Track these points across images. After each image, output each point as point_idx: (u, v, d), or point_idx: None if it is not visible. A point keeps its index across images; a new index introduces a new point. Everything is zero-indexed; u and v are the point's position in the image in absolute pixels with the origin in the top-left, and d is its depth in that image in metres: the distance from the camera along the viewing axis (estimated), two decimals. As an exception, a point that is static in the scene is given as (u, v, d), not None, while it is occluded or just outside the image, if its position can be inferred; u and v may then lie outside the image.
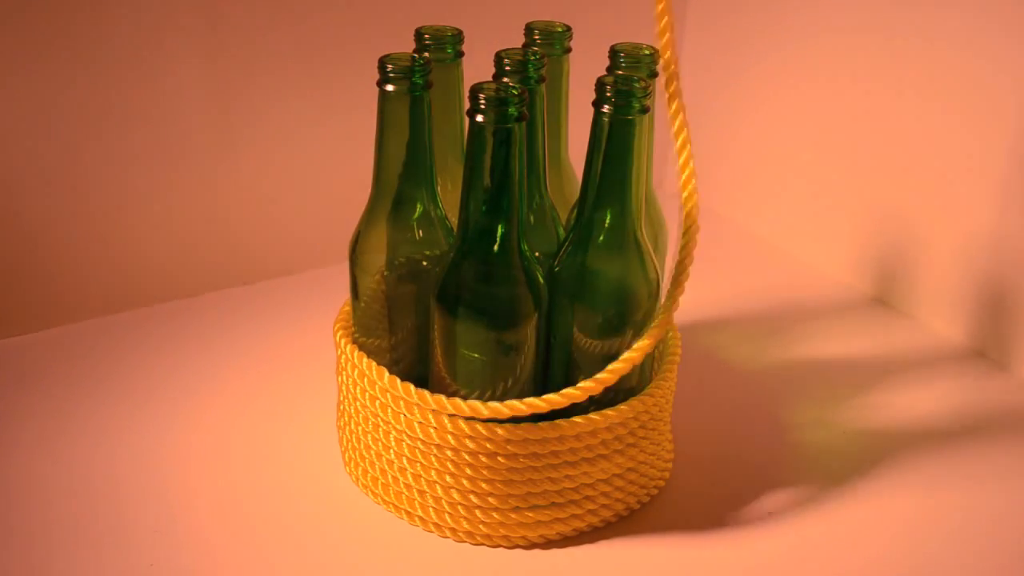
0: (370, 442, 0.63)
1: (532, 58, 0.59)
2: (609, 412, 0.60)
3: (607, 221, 0.58)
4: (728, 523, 0.64)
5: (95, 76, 0.76)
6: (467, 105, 0.54)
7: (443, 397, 0.59)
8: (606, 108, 0.55)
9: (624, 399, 0.61)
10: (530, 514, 0.61)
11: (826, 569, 0.61)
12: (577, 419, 0.59)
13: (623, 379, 0.61)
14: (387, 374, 0.61)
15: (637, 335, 0.60)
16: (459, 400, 0.58)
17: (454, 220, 0.60)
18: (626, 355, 0.59)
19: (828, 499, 0.67)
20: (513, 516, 0.61)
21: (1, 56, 0.72)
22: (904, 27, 0.83)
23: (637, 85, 0.55)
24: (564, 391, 0.58)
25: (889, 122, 0.86)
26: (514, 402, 0.58)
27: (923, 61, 0.82)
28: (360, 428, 0.64)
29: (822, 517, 0.65)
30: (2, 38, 0.72)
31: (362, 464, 0.65)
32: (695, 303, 0.88)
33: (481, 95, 0.53)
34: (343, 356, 0.64)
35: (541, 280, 0.58)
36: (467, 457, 0.59)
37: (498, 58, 0.59)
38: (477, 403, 0.58)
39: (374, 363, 0.62)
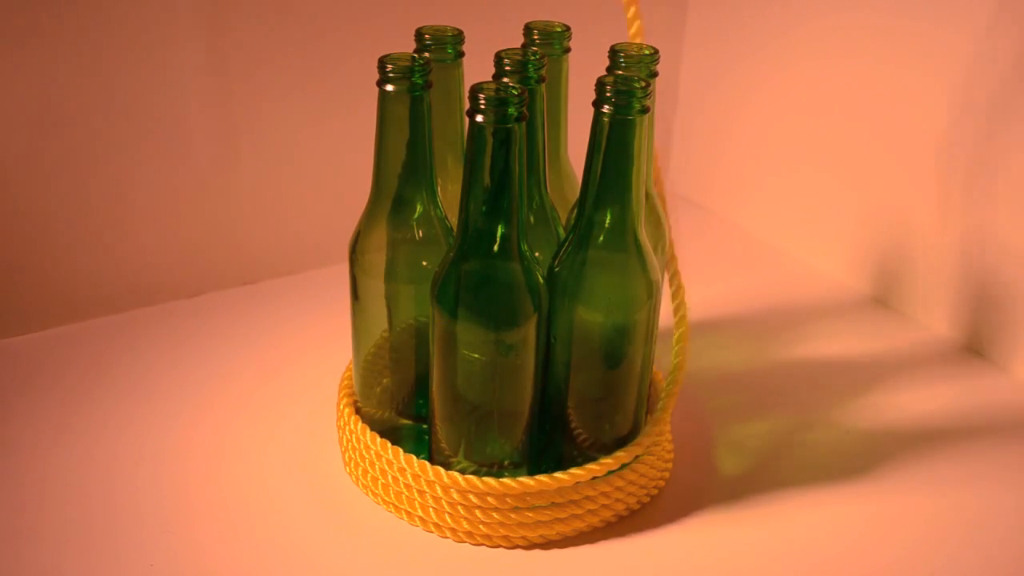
0: (370, 441, 0.63)
1: (532, 58, 0.59)
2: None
3: (607, 221, 0.58)
4: (728, 523, 0.64)
5: (96, 76, 0.76)
6: (467, 105, 0.54)
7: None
8: (606, 108, 0.55)
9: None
10: (530, 514, 0.61)
11: (826, 569, 0.61)
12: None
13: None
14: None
15: (637, 336, 0.60)
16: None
17: (454, 220, 0.60)
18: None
19: (828, 499, 0.67)
20: (513, 516, 0.61)
21: (1, 55, 0.72)
22: (904, 25, 0.83)
23: (637, 85, 0.55)
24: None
25: (889, 121, 0.86)
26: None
27: (923, 61, 0.82)
28: (360, 427, 0.64)
29: (822, 517, 0.65)
30: (2, 37, 0.72)
31: (362, 464, 0.65)
32: (694, 303, 0.88)
33: (481, 95, 0.53)
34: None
35: (541, 280, 0.58)
36: (467, 457, 0.60)
37: (498, 58, 0.59)
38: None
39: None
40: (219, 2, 0.78)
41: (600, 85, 0.55)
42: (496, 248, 0.56)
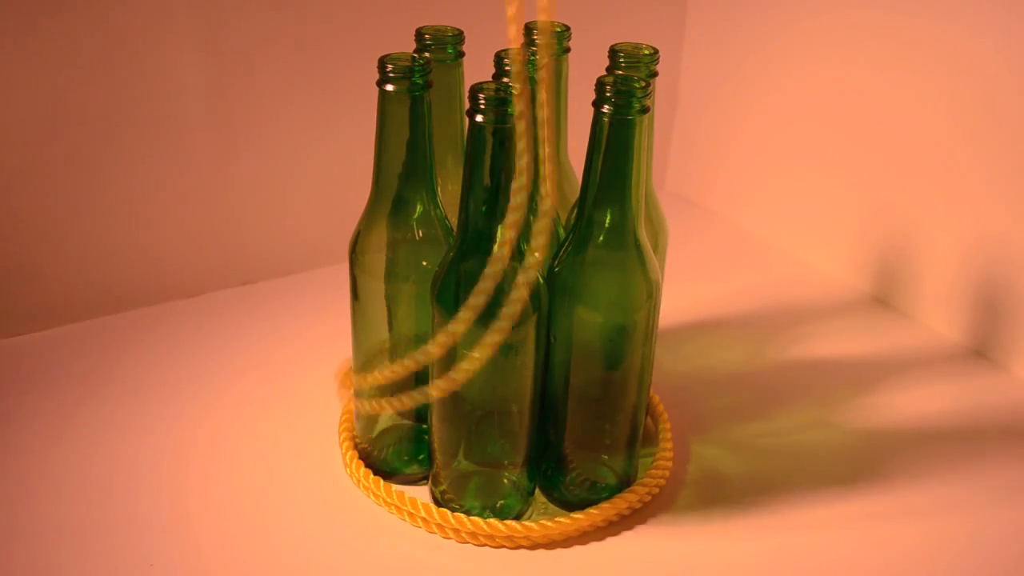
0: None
1: (532, 58, 0.59)
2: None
3: (607, 221, 0.58)
4: (728, 523, 0.64)
5: (96, 76, 0.76)
6: (467, 105, 0.54)
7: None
8: (606, 108, 0.55)
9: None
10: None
11: (826, 569, 0.61)
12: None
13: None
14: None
15: (636, 336, 0.60)
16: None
17: (454, 220, 0.60)
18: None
19: (828, 499, 0.66)
20: (513, 516, 0.61)
21: (1, 56, 0.72)
22: (905, 26, 0.83)
23: (637, 85, 0.55)
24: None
25: (890, 121, 0.86)
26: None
27: (924, 61, 0.82)
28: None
29: (822, 517, 0.65)
30: (2, 38, 0.72)
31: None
32: (694, 302, 0.88)
33: (481, 95, 0.53)
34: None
35: (541, 280, 0.58)
36: (467, 457, 0.60)
37: (498, 58, 0.59)
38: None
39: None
40: (218, 2, 0.78)
41: (600, 85, 0.55)
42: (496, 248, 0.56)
